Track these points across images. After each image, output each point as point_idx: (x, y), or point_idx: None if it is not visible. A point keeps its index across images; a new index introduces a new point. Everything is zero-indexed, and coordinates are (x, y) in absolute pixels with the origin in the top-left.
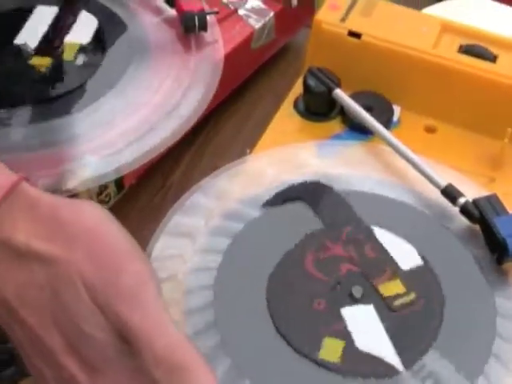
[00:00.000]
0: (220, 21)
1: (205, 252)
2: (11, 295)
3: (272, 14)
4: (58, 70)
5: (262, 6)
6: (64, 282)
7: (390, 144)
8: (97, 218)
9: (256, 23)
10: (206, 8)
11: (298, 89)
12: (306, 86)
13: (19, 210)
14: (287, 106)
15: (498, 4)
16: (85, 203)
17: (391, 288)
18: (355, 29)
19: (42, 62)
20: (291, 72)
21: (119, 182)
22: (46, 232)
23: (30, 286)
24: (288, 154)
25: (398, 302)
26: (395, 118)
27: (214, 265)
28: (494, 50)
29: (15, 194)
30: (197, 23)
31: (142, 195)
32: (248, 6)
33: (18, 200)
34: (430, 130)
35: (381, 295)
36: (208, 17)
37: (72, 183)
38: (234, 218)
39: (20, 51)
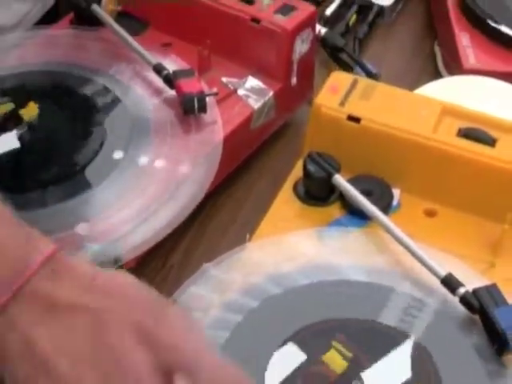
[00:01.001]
0: (219, 101)
1: None
2: (49, 348)
3: (271, 93)
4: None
5: (262, 85)
6: (106, 326)
7: (388, 232)
8: (131, 280)
9: (255, 103)
10: (206, 89)
11: (297, 172)
12: (305, 171)
13: (59, 272)
14: (287, 190)
15: (495, 80)
16: (119, 272)
17: None
18: (354, 113)
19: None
20: (291, 149)
21: (119, 266)
22: (84, 287)
23: (70, 338)
24: (288, 242)
25: None
26: (395, 202)
27: None
28: (493, 133)
29: (54, 260)
30: (196, 105)
31: (142, 278)
32: (247, 85)
33: (58, 264)
34: (430, 213)
35: None
36: (207, 98)
37: None
38: (233, 309)
39: None
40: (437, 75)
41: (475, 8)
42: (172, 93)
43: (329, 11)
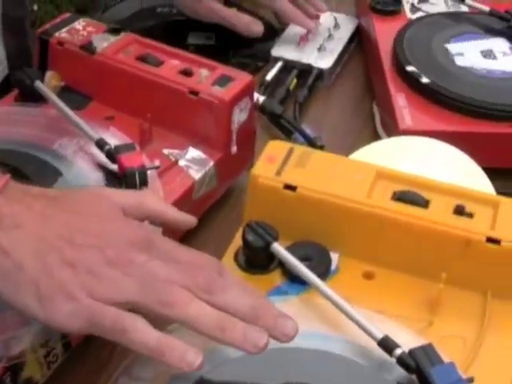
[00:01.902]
0: (161, 173)
1: None
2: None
3: (212, 163)
4: None
5: (202, 155)
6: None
7: (326, 297)
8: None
9: (197, 174)
10: (147, 162)
11: (238, 241)
12: (244, 240)
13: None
14: (228, 260)
15: (432, 140)
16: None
17: None
18: (290, 182)
19: None
20: (234, 216)
21: (66, 342)
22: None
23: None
24: None
25: None
26: (333, 266)
27: None
28: (425, 194)
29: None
30: (137, 179)
31: (90, 352)
32: (188, 156)
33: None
34: (369, 275)
35: None
36: (149, 171)
37: (18, 349)
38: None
39: None
40: (376, 136)
41: (410, 68)
42: (114, 167)
43: (269, 76)
